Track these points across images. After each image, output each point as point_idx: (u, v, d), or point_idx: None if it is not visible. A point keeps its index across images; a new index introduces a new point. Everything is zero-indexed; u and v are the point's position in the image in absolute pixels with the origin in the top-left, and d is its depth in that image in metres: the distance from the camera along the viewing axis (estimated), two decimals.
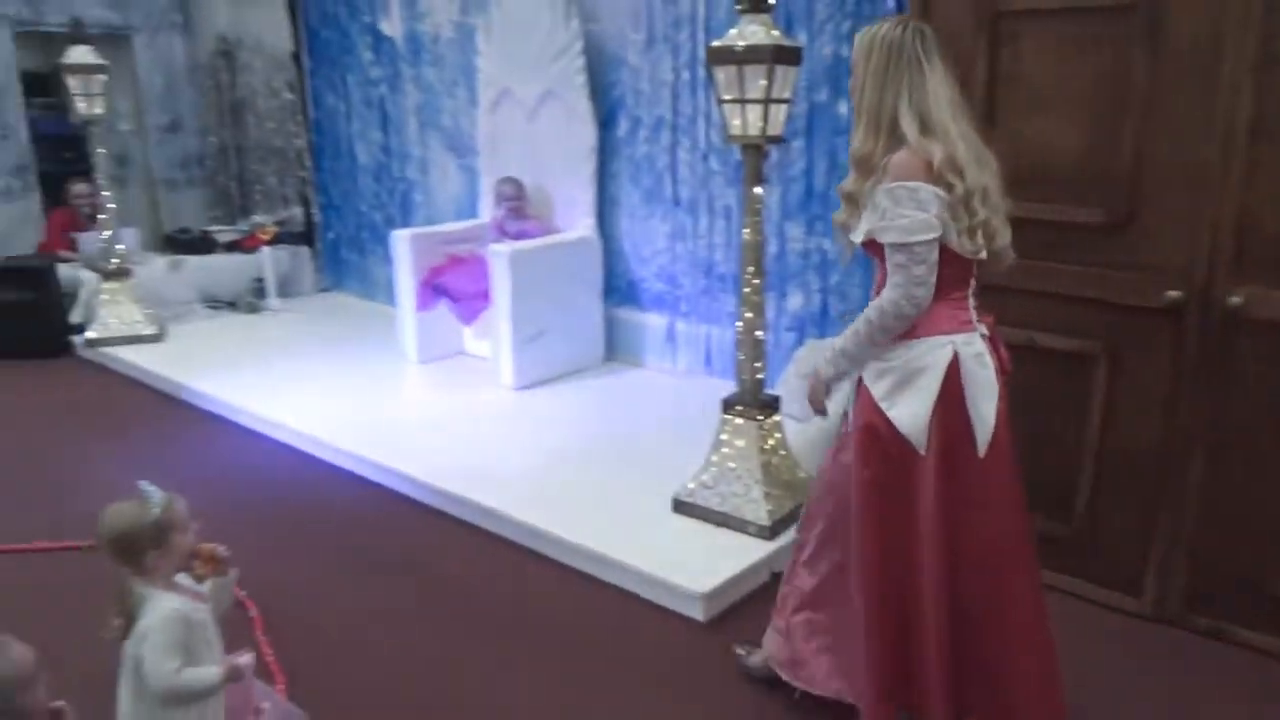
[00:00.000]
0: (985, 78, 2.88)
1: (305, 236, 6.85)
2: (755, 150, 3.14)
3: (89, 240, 5.99)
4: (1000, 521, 2.11)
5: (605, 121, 4.87)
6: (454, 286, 4.90)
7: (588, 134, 4.83)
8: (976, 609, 2.11)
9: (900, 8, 3.70)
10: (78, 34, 5.41)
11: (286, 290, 6.56)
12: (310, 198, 6.81)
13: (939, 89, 1.99)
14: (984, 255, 2.05)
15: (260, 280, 6.43)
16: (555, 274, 4.70)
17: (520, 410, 4.48)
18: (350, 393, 4.71)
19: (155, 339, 5.60)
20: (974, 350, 2.05)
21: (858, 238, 2.09)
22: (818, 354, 3.85)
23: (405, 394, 4.85)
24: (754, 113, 3.03)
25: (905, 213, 1.95)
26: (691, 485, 3.40)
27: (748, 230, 3.23)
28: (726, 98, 3.05)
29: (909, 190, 1.95)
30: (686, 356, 4.87)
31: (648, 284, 4.95)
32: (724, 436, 3.37)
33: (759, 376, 3.35)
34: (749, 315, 3.29)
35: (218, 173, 7.57)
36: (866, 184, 2.05)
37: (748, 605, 2.99)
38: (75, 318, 5.79)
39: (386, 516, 3.61)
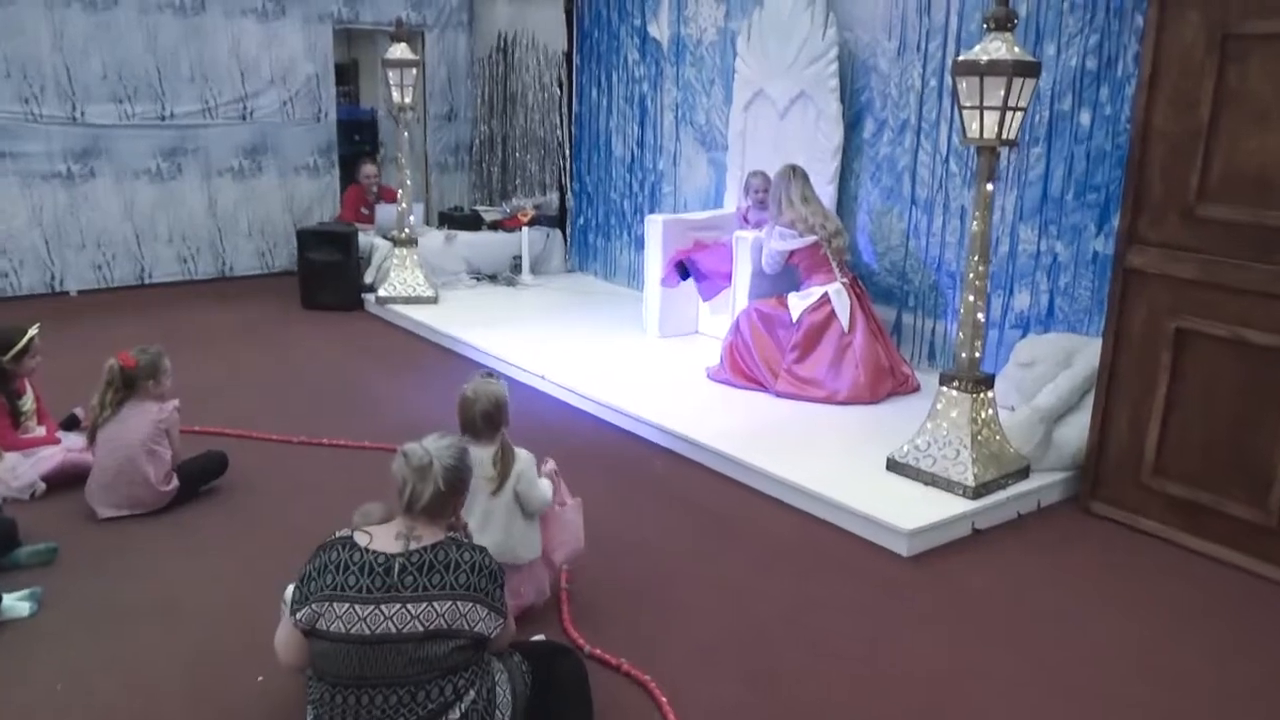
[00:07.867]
0: (1211, 95, 3.44)
1: (559, 220, 8.10)
2: (990, 152, 3.84)
3: (386, 211, 7.49)
4: None
5: (852, 123, 5.66)
6: (702, 265, 5.83)
7: (835, 134, 5.63)
8: None
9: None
10: (399, 32, 6.86)
11: (538, 268, 7.82)
12: (566, 185, 8.05)
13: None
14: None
15: (517, 257, 7.73)
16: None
17: None
18: (597, 356, 5.77)
19: (432, 301, 6.95)
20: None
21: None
22: (1037, 346, 4.48)
23: (646, 359, 5.83)
24: (991, 118, 3.73)
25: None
26: (905, 448, 4.12)
27: (976, 222, 3.93)
28: (967, 104, 3.77)
29: None
30: (909, 348, 5.55)
31: (879, 277, 5.68)
32: (939, 407, 4.07)
33: (976, 355, 4.02)
34: (971, 299, 3.97)
35: (483, 158, 9.02)
36: None
37: (948, 550, 3.70)
38: (367, 278, 7.26)
39: (632, 452, 4.59)
